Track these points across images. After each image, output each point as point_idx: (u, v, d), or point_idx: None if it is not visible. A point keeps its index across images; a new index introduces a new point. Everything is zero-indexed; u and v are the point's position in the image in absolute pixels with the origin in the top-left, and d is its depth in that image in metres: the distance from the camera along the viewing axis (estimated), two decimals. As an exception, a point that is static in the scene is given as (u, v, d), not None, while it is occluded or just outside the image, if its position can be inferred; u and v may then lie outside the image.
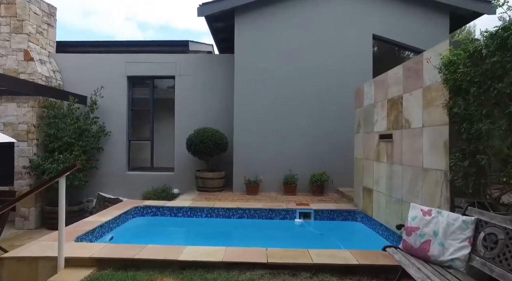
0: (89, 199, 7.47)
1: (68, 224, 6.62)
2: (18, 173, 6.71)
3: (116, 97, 7.56)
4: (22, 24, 6.86)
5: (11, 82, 5.74)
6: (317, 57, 6.84)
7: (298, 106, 6.85)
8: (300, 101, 6.85)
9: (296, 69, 6.86)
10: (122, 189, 7.45)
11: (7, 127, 6.73)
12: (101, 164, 7.55)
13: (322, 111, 6.83)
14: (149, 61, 7.62)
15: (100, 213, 4.76)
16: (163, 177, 7.50)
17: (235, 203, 5.49)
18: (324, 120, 6.82)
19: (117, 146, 7.58)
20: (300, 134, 6.83)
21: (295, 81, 6.85)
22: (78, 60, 7.67)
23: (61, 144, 6.66)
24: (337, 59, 6.84)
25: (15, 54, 6.81)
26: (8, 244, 5.83)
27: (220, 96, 7.57)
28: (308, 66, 6.85)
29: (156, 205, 5.31)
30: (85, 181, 6.90)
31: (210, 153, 6.66)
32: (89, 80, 7.47)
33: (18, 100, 6.76)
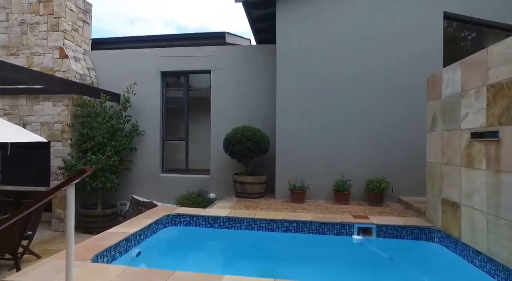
0: (122, 202, 7.11)
1: (102, 228, 6.29)
2: (54, 173, 6.50)
3: (149, 94, 7.13)
4: (58, 22, 6.66)
5: (46, 80, 5.46)
6: (375, 43, 5.83)
7: (352, 101, 5.89)
8: (355, 95, 5.88)
9: (349, 58, 5.90)
10: (156, 192, 7.00)
11: (44, 127, 6.56)
12: (134, 166, 7.16)
13: (381, 106, 5.81)
14: (183, 55, 7.09)
15: (129, 222, 4.22)
16: (198, 180, 6.93)
17: (280, 214, 4.69)
18: (383, 116, 5.79)
19: (150, 146, 7.14)
20: (353, 133, 5.86)
21: (348, 71, 5.90)
22: (111, 56, 7.37)
23: (94, 144, 6.33)
24: (400, 45, 5.77)
25: (51, 52, 6.62)
26: (42, 247, 5.57)
27: (261, 91, 6.83)
28: (363, 53, 5.86)
29: (190, 213, 4.68)
30: (117, 183, 6.52)
31: (249, 154, 5.93)
32: (122, 77, 7.12)
33: (54, 99, 6.55)
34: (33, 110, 6.61)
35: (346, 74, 5.91)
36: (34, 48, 6.67)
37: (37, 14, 6.71)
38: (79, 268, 2.62)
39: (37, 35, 6.69)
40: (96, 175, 6.23)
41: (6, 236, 4.12)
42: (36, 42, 6.69)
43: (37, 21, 6.71)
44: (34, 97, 6.61)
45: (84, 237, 6.28)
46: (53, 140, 6.51)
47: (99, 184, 6.23)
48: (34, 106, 6.60)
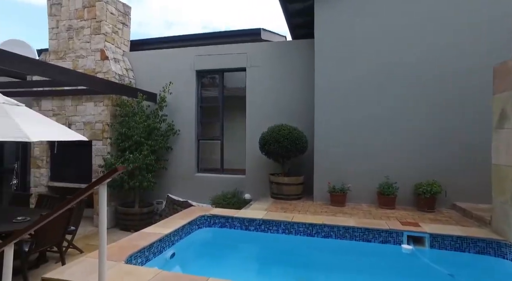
0: (159, 201, 7.18)
1: (139, 226, 6.37)
2: (95, 171, 6.71)
3: (184, 93, 7.13)
4: (100, 25, 6.88)
5: (88, 81, 5.63)
6: (430, 30, 5.29)
7: (398, 96, 5.40)
8: (401, 89, 5.39)
9: (392, 50, 5.42)
10: (191, 192, 6.97)
11: (86, 126, 6.81)
12: (170, 165, 7.20)
13: (430, 100, 5.25)
14: (218, 53, 7.00)
15: (163, 221, 4.15)
16: (233, 180, 6.79)
17: (319, 218, 4.36)
18: (435, 112, 5.23)
19: (185, 145, 7.14)
20: (400, 131, 5.37)
21: (391, 64, 5.42)
22: (148, 57, 7.49)
23: (131, 143, 6.44)
24: (457, 31, 5.18)
25: (93, 55, 6.86)
26: (84, 242, 5.74)
27: (298, 88, 6.54)
28: (407, 45, 5.35)
29: (225, 215, 4.52)
30: (153, 182, 6.57)
31: (286, 154, 5.66)
32: (158, 77, 7.20)
33: (95, 99, 6.78)
34: (77, 110, 6.90)
35: (390, 67, 5.43)
36: (78, 51, 6.96)
37: (82, 19, 6.99)
38: (112, 269, 2.54)
39: (81, 39, 6.98)
40: (133, 174, 6.32)
41: (51, 230, 4.24)
42: (81, 46, 6.97)
43: (82, 26, 6.99)
44: (78, 98, 6.89)
45: (122, 234, 6.44)
46: (94, 139, 6.74)
47: (136, 182, 6.32)
48: (78, 106, 6.88)
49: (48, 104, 7.12)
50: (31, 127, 4.08)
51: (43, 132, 4.26)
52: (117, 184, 6.38)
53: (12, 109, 4.28)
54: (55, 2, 7.20)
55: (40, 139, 3.95)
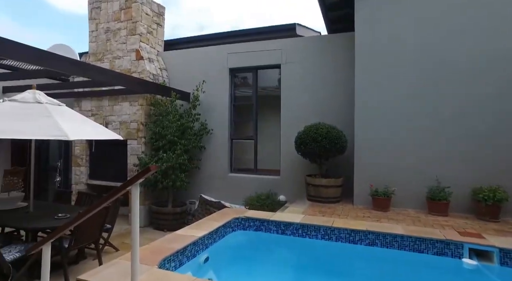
0: (192, 201, 7.12)
1: (172, 226, 6.33)
2: (130, 170, 6.79)
3: (217, 92, 7.01)
4: (135, 26, 6.97)
5: (124, 80, 5.68)
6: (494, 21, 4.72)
7: (450, 89, 4.86)
8: (453, 82, 4.84)
9: (444, 43, 4.89)
10: (224, 192, 6.84)
11: (122, 126, 6.92)
12: (203, 164, 7.12)
13: (491, 90, 4.67)
14: (251, 50, 6.81)
15: (197, 223, 4.01)
16: (267, 181, 6.55)
17: (362, 223, 3.99)
18: (495, 105, 4.63)
19: (218, 145, 7.02)
20: (453, 128, 4.83)
21: (442, 56, 4.89)
22: (181, 56, 7.47)
23: (165, 143, 6.43)
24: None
25: (129, 55, 6.96)
26: (120, 241, 5.78)
27: (336, 84, 6.17)
28: (462, 36, 4.79)
29: (260, 217, 4.29)
30: (186, 182, 6.51)
31: (324, 154, 5.33)
32: (191, 76, 7.15)
33: (131, 99, 6.87)
34: (113, 110, 7.04)
35: (440, 58, 4.90)
36: (115, 52, 7.10)
37: (119, 21, 7.13)
38: (145, 274, 2.39)
39: (118, 40, 7.11)
40: (166, 173, 6.30)
41: (89, 228, 4.27)
42: (117, 47, 7.10)
43: (119, 27, 7.12)
44: (115, 98, 7.02)
45: (156, 233, 6.45)
46: (130, 138, 6.82)
47: (169, 182, 6.29)
48: (114, 106, 7.01)
49: (87, 104, 7.34)
50: (70, 126, 4.12)
51: (81, 131, 4.30)
52: (151, 184, 6.39)
53: (54, 109, 4.36)
54: (95, 6, 7.41)
55: (78, 138, 3.97)
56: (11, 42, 3.79)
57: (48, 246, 2.48)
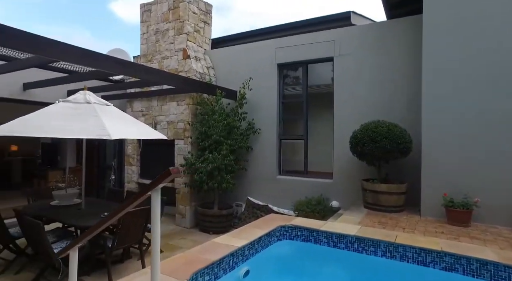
0: (238, 203, 6.86)
1: (217, 228, 6.12)
2: (178, 171, 6.75)
3: (265, 89, 6.64)
4: (183, 25, 6.95)
5: (169, 79, 5.61)
6: None
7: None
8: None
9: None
10: (272, 195, 6.45)
11: (169, 126, 6.94)
12: (250, 166, 6.81)
13: None
14: (301, 43, 6.32)
15: (238, 231, 3.66)
16: (318, 185, 6.00)
17: (435, 241, 3.26)
18: None
19: (266, 145, 6.65)
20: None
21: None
22: (228, 53, 7.26)
23: (211, 143, 6.25)
24: None
25: (176, 55, 6.96)
26: (165, 241, 5.72)
27: (398, 77, 5.39)
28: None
29: (309, 227, 3.79)
30: (232, 184, 6.25)
31: (384, 156, 4.62)
32: (238, 73, 6.89)
33: (178, 98, 6.85)
34: (162, 110, 7.09)
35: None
36: (164, 52, 7.16)
37: (167, 21, 7.19)
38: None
39: (166, 41, 7.17)
40: (212, 174, 6.12)
41: (130, 229, 4.20)
42: (166, 47, 7.16)
43: (167, 28, 7.18)
44: (163, 98, 7.08)
45: (201, 235, 6.29)
46: (177, 138, 6.80)
47: (215, 183, 6.09)
48: (162, 106, 7.07)
49: (138, 105, 7.54)
50: (114, 125, 4.09)
51: (124, 131, 4.27)
52: (196, 185, 6.27)
53: (101, 109, 4.39)
54: (146, 9, 7.59)
55: (120, 137, 3.91)
56: (62, 43, 3.84)
57: (74, 251, 2.34)
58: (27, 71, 5.94)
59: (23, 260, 4.42)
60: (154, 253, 1.87)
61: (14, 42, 3.42)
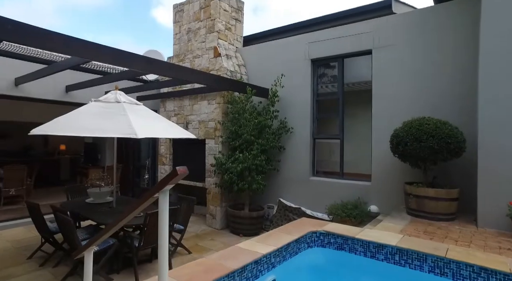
0: (270, 205, 6.61)
1: (248, 230, 5.92)
2: (208, 170, 6.69)
3: (298, 86, 6.33)
4: (214, 23, 6.87)
5: (199, 77, 5.54)
6: None
7: None
8: None
9: None
10: (305, 197, 6.12)
11: (201, 125, 6.89)
12: (282, 166, 6.53)
13: None
14: (335, 36, 5.91)
15: (265, 235, 3.42)
16: (355, 188, 5.56)
17: (500, 260, 2.75)
18: None
19: (299, 145, 6.32)
20: None
21: None
22: (259, 50, 7.04)
23: (242, 142, 6.08)
24: None
25: (207, 53, 6.90)
26: (194, 242, 5.65)
27: (447, 70, 4.81)
28: None
29: (344, 234, 3.44)
30: (263, 185, 6.02)
31: (431, 157, 4.10)
32: (270, 70, 6.65)
33: (209, 97, 6.77)
34: (193, 109, 7.07)
35: None
36: (195, 51, 7.14)
37: (198, 20, 7.16)
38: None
39: (198, 40, 7.14)
40: (242, 175, 5.94)
41: (155, 229, 4.13)
42: (197, 46, 7.13)
43: (198, 27, 7.15)
44: (194, 97, 7.05)
45: (232, 237, 6.13)
46: (208, 137, 6.72)
47: (245, 184, 5.91)
48: (194, 105, 7.04)
49: (171, 105, 7.60)
50: (141, 124, 4.06)
51: (150, 130, 4.23)
52: (226, 185, 6.13)
53: (130, 108, 4.40)
54: (178, 9, 7.64)
55: (146, 136, 3.86)
56: (94, 44, 3.87)
57: (89, 252, 2.25)
58: (69, 75, 6.23)
59: (61, 254, 4.57)
60: (162, 261, 1.69)
61: (52, 44, 3.47)
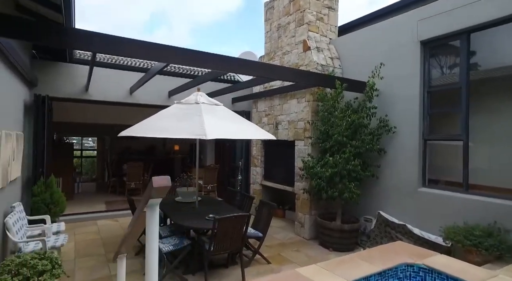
0: (367, 217, 5.62)
1: (339, 245, 5.16)
2: (297, 174, 6.19)
3: (402, 76, 5.15)
4: (303, 15, 6.34)
5: (280, 72, 5.13)
6: None
7: None
8: None
9: None
10: (412, 212, 4.94)
11: (290, 125, 6.46)
12: (382, 173, 5.45)
13: None
14: (458, 5, 4.51)
15: (336, 261, 2.72)
16: (489, 207, 4.08)
17: None
18: None
19: (404, 147, 5.13)
20: None
21: None
22: (355, 39, 6.07)
23: (332, 144, 5.35)
24: None
25: (297, 48, 6.42)
26: (277, 251, 5.27)
27: None
28: None
29: (460, 278, 2.40)
30: (357, 194, 5.12)
31: None
32: (367, 61, 5.65)
33: (298, 95, 6.27)
34: (283, 109, 6.70)
35: None
36: (285, 48, 6.76)
37: (288, 15, 6.77)
38: None
39: (288, 35, 6.74)
40: (332, 181, 5.20)
41: (227, 236, 3.92)
42: (287, 42, 6.74)
43: (288, 22, 6.76)
44: (284, 96, 6.67)
45: (319, 251, 5.39)
46: (297, 139, 6.23)
47: (335, 191, 5.15)
48: (283, 105, 6.67)
49: (262, 105, 7.44)
50: (213, 125, 3.94)
51: (222, 130, 4.06)
52: (314, 192, 5.50)
53: (207, 109, 4.37)
54: (269, 7, 7.44)
55: (215, 137, 3.70)
56: (172, 47, 3.93)
57: (121, 259, 2.14)
58: (170, 82, 6.82)
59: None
60: (149, 276, 1.34)
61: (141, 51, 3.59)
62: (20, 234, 4.00)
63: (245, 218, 3.95)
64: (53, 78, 6.29)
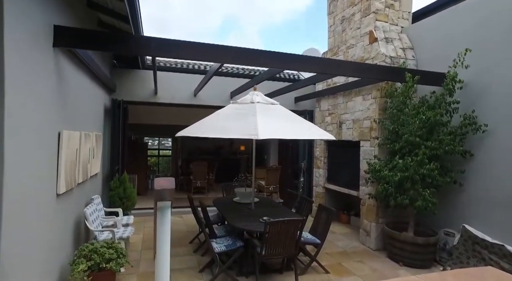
0: (448, 231, 4.81)
1: (411, 260, 4.55)
2: (362, 177, 5.67)
3: (499, 62, 4.26)
4: (369, 3, 5.78)
5: (345, 68, 4.73)
6: None
7: None
8: None
9: None
10: (508, 228, 4.04)
11: (355, 125, 5.95)
12: (467, 179, 4.60)
13: None
14: None
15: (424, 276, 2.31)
16: None
17: None
18: None
19: (501, 150, 4.22)
20: None
21: None
22: (434, 24, 5.27)
23: (403, 145, 4.74)
24: None
25: (362, 40, 5.88)
26: (338, 260, 4.92)
27: None
28: None
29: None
30: (433, 203, 4.42)
31: None
32: (448, 48, 4.85)
33: (364, 92, 5.74)
34: (347, 107, 6.21)
35: None
36: (349, 41, 6.27)
37: (353, 5, 6.26)
38: None
39: (352, 27, 6.23)
40: (402, 187, 4.60)
41: (278, 241, 3.74)
42: (352, 35, 6.23)
43: (353, 13, 6.24)
44: (348, 94, 6.18)
45: (387, 264, 4.80)
46: (362, 139, 5.69)
47: (405, 198, 4.54)
48: (348, 103, 6.18)
49: (325, 103, 7.04)
50: (267, 124, 3.82)
51: (275, 130, 3.92)
52: (382, 197, 4.94)
53: (262, 108, 4.28)
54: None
55: (267, 137, 3.58)
56: (225, 47, 3.90)
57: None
58: (231, 82, 6.95)
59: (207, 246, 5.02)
60: None
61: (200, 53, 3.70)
62: (96, 223, 4.46)
63: (298, 222, 3.72)
64: (128, 84, 6.96)
